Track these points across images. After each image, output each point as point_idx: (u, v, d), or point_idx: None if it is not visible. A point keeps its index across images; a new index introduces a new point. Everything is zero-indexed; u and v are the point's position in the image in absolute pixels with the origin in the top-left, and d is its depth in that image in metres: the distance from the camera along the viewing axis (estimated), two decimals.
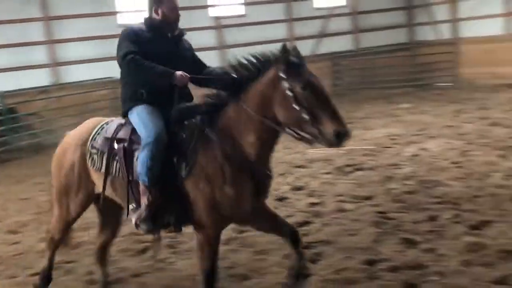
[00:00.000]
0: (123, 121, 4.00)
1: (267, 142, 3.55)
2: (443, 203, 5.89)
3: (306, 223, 5.70)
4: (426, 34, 17.99)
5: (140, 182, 3.67)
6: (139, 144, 3.73)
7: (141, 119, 3.75)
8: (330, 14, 17.46)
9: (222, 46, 15.94)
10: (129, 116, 3.90)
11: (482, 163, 7.33)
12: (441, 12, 17.34)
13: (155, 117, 3.74)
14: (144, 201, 3.67)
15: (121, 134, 3.90)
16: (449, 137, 9.25)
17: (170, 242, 5.40)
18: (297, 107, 3.28)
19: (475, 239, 4.83)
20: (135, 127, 3.81)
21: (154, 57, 3.73)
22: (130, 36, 3.84)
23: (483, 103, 12.28)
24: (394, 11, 18.52)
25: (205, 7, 16.01)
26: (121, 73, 3.96)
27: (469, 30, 16.36)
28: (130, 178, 3.77)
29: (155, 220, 3.67)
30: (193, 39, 4.28)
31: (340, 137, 3.22)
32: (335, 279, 4.34)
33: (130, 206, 3.84)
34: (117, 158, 3.86)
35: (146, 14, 4.01)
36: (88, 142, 4.05)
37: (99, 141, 3.99)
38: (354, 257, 4.73)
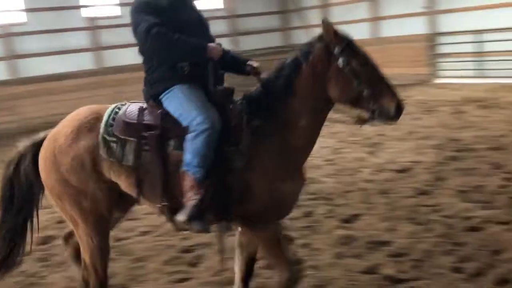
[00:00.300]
0: (142, 104, 3.42)
1: (316, 128, 3.41)
2: (318, 199, 6.16)
3: None
4: (300, 37, 18.70)
5: (190, 175, 3.14)
6: (173, 132, 3.24)
7: (189, 100, 3.18)
8: (208, 17, 17.48)
9: (97, 48, 15.38)
10: (165, 98, 3.30)
11: (353, 160, 7.79)
12: (314, 16, 18.17)
13: (203, 98, 3.22)
14: (191, 196, 3.15)
15: (149, 120, 3.30)
16: (322, 136, 9.66)
17: (42, 255, 5.10)
18: (356, 83, 3.13)
19: (346, 232, 5.10)
20: (178, 110, 3.22)
21: (177, 27, 3.20)
22: (145, 7, 3.26)
23: None
24: (270, 15, 19.07)
25: (78, 7, 15.36)
26: (145, 52, 3.34)
27: None
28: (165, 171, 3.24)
29: (203, 217, 3.20)
30: (65, 40, 4.04)
31: (399, 111, 3.13)
32: (216, 281, 4.36)
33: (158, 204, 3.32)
34: (146, 147, 3.27)
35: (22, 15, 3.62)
36: (101, 128, 3.35)
37: (117, 127, 3.32)
38: (233, 258, 4.77)
